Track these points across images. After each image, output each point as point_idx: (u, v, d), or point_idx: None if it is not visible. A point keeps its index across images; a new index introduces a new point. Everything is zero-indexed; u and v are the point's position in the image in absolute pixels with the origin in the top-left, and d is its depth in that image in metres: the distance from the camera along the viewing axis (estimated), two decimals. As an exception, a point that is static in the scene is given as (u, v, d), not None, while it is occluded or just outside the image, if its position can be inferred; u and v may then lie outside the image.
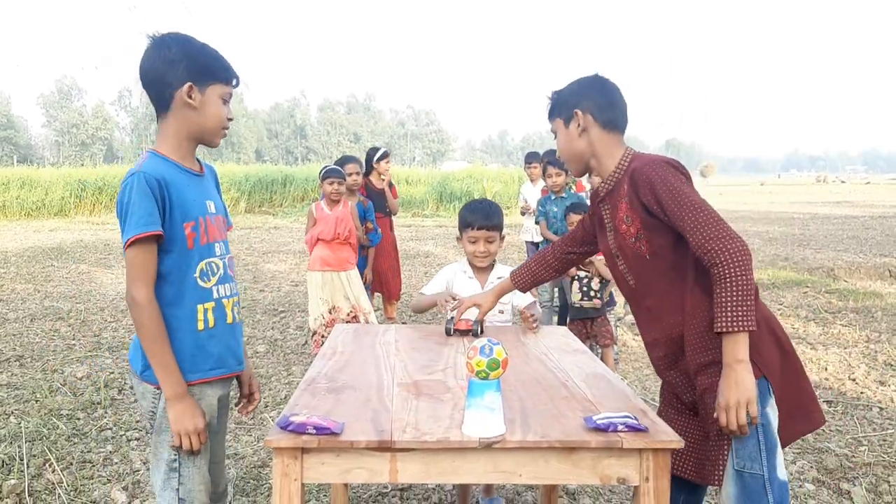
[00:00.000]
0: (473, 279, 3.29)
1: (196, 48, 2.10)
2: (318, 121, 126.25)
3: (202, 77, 2.08)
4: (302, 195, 26.18)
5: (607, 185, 2.30)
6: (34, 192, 22.65)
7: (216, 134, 2.17)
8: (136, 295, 1.99)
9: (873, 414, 4.68)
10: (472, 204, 3.37)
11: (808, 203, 32.18)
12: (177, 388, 2.03)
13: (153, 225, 1.98)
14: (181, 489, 2.11)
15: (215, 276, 2.16)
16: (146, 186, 1.98)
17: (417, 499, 3.53)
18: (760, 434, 2.03)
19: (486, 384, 1.75)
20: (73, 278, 10.36)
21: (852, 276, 10.34)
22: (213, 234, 2.17)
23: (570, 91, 2.35)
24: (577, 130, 2.30)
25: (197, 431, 2.05)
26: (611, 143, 2.30)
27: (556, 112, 2.38)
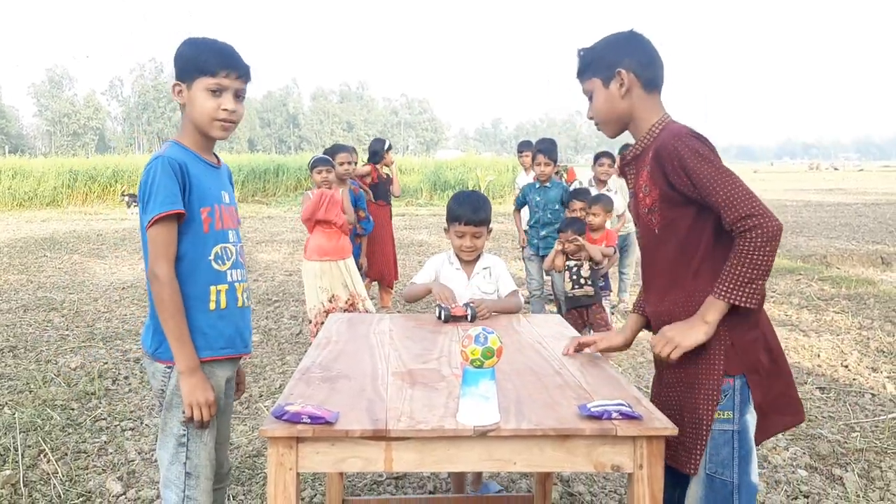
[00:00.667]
0: (460, 270, 3.30)
1: (187, 45, 2.21)
2: (310, 109, 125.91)
3: (187, 73, 2.18)
4: (295, 184, 26.14)
5: (635, 150, 2.20)
6: (26, 183, 22.58)
7: (209, 126, 2.21)
8: (159, 271, 2.09)
9: (865, 400, 4.70)
10: (459, 196, 3.33)
11: (801, 191, 32.27)
12: (190, 361, 2.13)
13: (176, 204, 2.10)
14: (188, 463, 2.20)
15: (229, 260, 2.27)
16: (169, 168, 2.10)
17: (412, 486, 3.54)
18: (736, 441, 2.01)
19: (481, 373, 1.75)
20: (65, 269, 10.33)
21: (845, 264, 10.38)
22: (227, 221, 2.28)
23: (609, 47, 2.18)
24: (620, 91, 2.14)
25: (208, 403, 2.16)
26: (651, 105, 2.17)
27: (593, 70, 2.19)
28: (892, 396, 4.75)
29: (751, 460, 2.04)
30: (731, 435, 2.01)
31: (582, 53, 2.24)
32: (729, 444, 2.01)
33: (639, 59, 2.15)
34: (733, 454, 2.01)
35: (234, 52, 2.23)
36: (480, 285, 3.27)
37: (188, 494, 2.20)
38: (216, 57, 2.18)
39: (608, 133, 2.27)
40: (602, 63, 2.16)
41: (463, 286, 3.25)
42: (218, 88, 2.18)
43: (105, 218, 18.92)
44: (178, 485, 2.19)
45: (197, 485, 2.21)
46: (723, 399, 2.00)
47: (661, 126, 2.13)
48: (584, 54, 2.22)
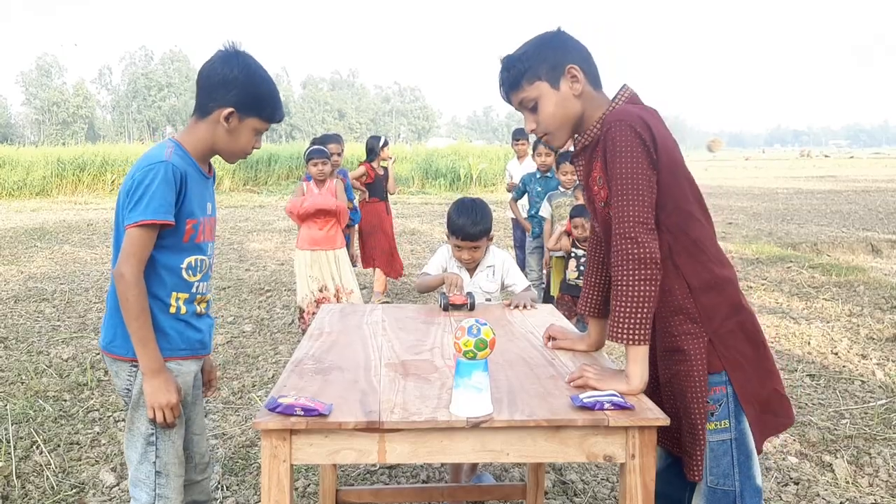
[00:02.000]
0: (462, 268, 3.33)
1: (256, 78, 2.19)
2: (301, 97, 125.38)
3: (247, 108, 2.18)
4: (287, 173, 26.05)
5: (584, 140, 2.07)
6: (15, 172, 22.42)
7: (236, 157, 2.29)
8: (126, 272, 2.06)
9: (855, 387, 4.74)
10: (459, 207, 3.27)
11: (792, 178, 32.35)
12: (153, 363, 2.11)
13: (168, 214, 2.09)
14: (158, 462, 2.19)
15: (200, 272, 2.26)
16: (172, 177, 2.08)
17: (406, 476, 3.55)
18: (734, 449, 1.96)
19: (474, 364, 1.76)
20: (56, 259, 10.29)
21: (835, 251, 10.44)
22: (207, 234, 2.28)
23: (548, 48, 2.02)
24: (574, 89, 2.00)
25: (170, 405, 2.14)
26: (598, 102, 2.04)
27: (534, 75, 2.01)
28: (882, 383, 4.79)
29: (752, 464, 1.98)
30: (730, 444, 1.96)
31: (514, 60, 2.05)
32: (728, 454, 1.96)
33: (580, 54, 2.03)
34: (733, 462, 1.96)
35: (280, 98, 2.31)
36: (483, 285, 3.29)
37: (159, 493, 2.19)
38: (277, 106, 2.27)
39: (559, 141, 2.12)
40: (546, 64, 2.01)
41: (466, 284, 3.27)
42: (262, 131, 2.27)
43: (95, 207, 18.84)
44: (149, 484, 2.19)
45: (168, 483, 2.20)
46: (717, 408, 1.95)
47: (610, 111, 2.01)
48: (518, 60, 2.04)
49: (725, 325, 1.97)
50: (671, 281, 1.95)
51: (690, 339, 1.95)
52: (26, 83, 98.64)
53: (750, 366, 1.99)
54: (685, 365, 1.95)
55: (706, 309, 1.95)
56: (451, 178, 25.60)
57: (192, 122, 2.22)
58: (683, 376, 1.95)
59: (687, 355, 1.95)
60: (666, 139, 1.94)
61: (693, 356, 1.94)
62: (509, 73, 2.06)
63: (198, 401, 2.41)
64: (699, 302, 1.95)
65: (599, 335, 2.35)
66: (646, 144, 1.87)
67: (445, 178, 25.68)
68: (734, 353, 1.97)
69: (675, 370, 1.97)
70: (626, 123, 1.88)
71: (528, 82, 2.03)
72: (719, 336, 1.95)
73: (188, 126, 2.24)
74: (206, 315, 2.35)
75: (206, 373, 2.49)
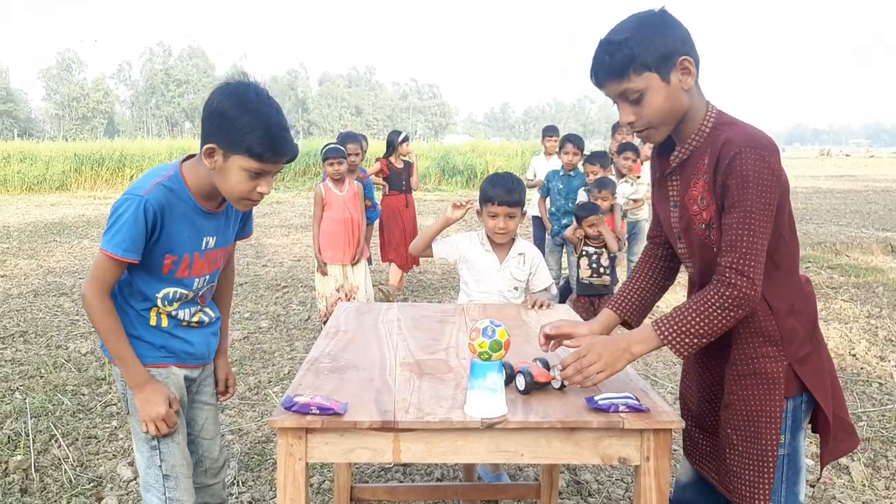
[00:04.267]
0: (491, 253, 3.25)
1: (241, 110, 1.92)
2: (319, 94, 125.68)
3: (229, 144, 1.94)
4: (304, 169, 26.10)
5: (681, 154, 1.89)
6: (35, 167, 22.60)
7: (237, 202, 2.08)
8: (88, 293, 2.04)
9: (873, 389, 4.70)
10: (494, 177, 3.28)
11: (812, 177, 32.08)
12: (136, 377, 2.10)
13: (131, 253, 2.00)
14: (164, 465, 2.17)
15: (178, 301, 2.18)
16: (142, 216, 1.97)
17: (420, 473, 3.56)
18: (785, 465, 1.89)
19: (489, 365, 1.76)
20: (75, 253, 10.38)
21: (854, 251, 10.34)
22: (198, 269, 2.18)
23: (657, 33, 1.78)
24: (685, 82, 1.81)
25: (160, 417, 2.11)
26: (698, 96, 1.87)
27: (642, 64, 1.77)
28: (900, 386, 4.75)
29: (798, 480, 1.93)
30: (782, 460, 1.89)
31: (618, 45, 1.79)
32: (779, 469, 1.89)
33: (689, 42, 1.82)
34: (782, 478, 1.90)
35: (286, 134, 1.99)
36: (513, 272, 3.23)
37: (169, 496, 2.18)
38: (268, 142, 1.94)
39: (660, 137, 1.91)
40: (655, 52, 1.77)
41: (495, 270, 3.23)
42: (260, 172, 1.99)
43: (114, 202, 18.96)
44: (158, 488, 2.17)
45: (177, 485, 2.18)
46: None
47: (711, 121, 1.85)
48: (625, 45, 1.78)
49: (804, 349, 1.89)
50: (760, 312, 1.87)
51: (770, 363, 1.86)
52: (47, 78, 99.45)
53: (828, 389, 1.93)
54: (762, 389, 1.87)
55: (787, 332, 1.87)
56: (467, 174, 25.56)
57: (201, 152, 2.02)
58: (759, 400, 1.87)
59: (765, 379, 1.87)
60: (782, 168, 1.80)
61: (772, 380, 1.86)
62: (612, 59, 1.80)
63: (202, 405, 2.38)
64: (781, 325, 1.86)
65: (608, 326, 2.20)
66: (780, 181, 1.76)
67: (462, 175, 25.64)
68: (815, 375, 1.90)
69: (749, 394, 1.88)
70: (763, 155, 1.73)
71: (635, 72, 1.79)
72: (798, 360, 1.87)
73: (198, 156, 2.06)
74: (200, 327, 2.27)
75: (219, 382, 2.46)
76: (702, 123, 1.86)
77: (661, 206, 2.06)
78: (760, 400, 1.86)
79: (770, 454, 1.85)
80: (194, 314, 2.25)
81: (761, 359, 1.86)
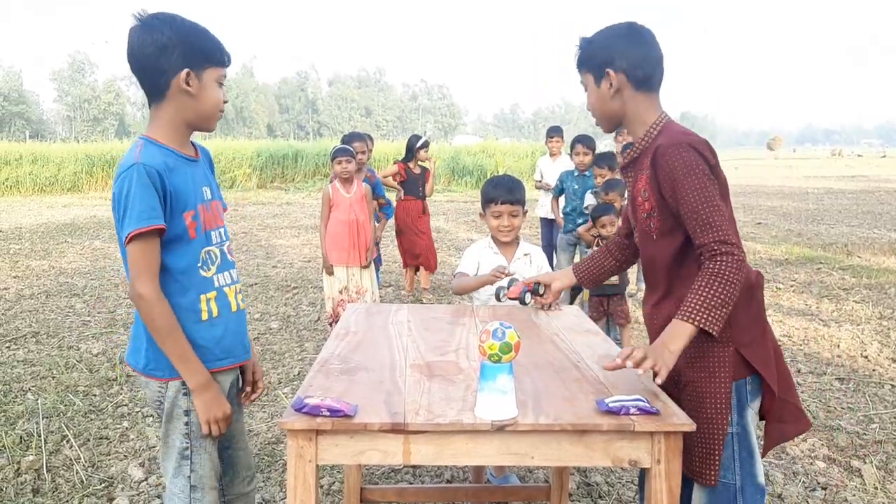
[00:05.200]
0: (499, 255, 3.29)
1: (188, 30, 2.00)
2: (328, 95, 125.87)
3: (198, 62, 2.00)
4: (314, 170, 26.14)
5: (633, 153, 2.17)
6: (47, 168, 22.74)
7: (213, 118, 2.10)
8: (143, 291, 1.94)
9: (885, 391, 4.67)
10: (494, 179, 3.38)
11: (823, 178, 31.93)
12: (200, 377, 2.02)
13: (156, 219, 1.93)
14: (193, 476, 2.11)
15: (214, 264, 2.12)
16: (146, 178, 1.92)
17: (430, 475, 3.56)
18: (735, 443, 2.01)
19: (499, 367, 1.76)
20: (87, 254, 10.43)
21: (866, 252, 10.28)
22: (209, 221, 2.13)
23: (602, 43, 2.14)
24: (610, 91, 2.12)
25: (226, 417, 2.08)
26: (644, 106, 2.12)
27: (586, 65, 2.18)
28: (913, 388, 4.72)
29: (754, 462, 2.03)
30: (731, 437, 2.01)
31: (580, 45, 2.20)
32: (729, 447, 2.01)
33: (631, 58, 2.09)
34: (734, 456, 2.01)
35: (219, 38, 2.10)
36: (521, 270, 3.25)
37: None
38: (222, 46, 2.07)
39: (603, 128, 2.26)
40: (594, 60, 2.14)
41: None
42: (223, 79, 2.09)
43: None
44: (183, 498, 2.11)
45: (203, 497, 2.12)
46: None
47: (659, 128, 2.10)
48: (582, 47, 2.19)
49: (749, 334, 2.03)
50: None
51: (717, 347, 2.00)
52: (59, 80, 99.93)
53: (774, 371, 2.05)
54: (708, 371, 2.02)
55: (734, 317, 1.98)
56: (477, 175, 25.53)
57: (154, 110, 2.03)
58: (704, 381, 2.02)
59: (711, 361, 2.01)
60: (717, 163, 2.04)
61: (718, 363, 2.01)
62: (577, 55, 2.21)
63: (239, 416, 2.31)
64: (731, 312, 1.95)
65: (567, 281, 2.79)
66: (710, 165, 1.98)
67: (472, 176, 25.62)
68: (760, 357, 2.03)
69: (697, 375, 2.03)
70: (689, 145, 1.97)
71: (584, 69, 2.20)
72: (743, 344, 2.01)
73: (151, 116, 2.05)
74: (242, 311, 2.22)
75: (247, 373, 2.34)
76: (650, 128, 2.11)
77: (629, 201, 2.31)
78: (706, 381, 2.01)
79: (718, 432, 1.99)
80: (233, 280, 2.19)
81: (710, 343, 1.99)
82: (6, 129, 78.37)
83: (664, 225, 2.07)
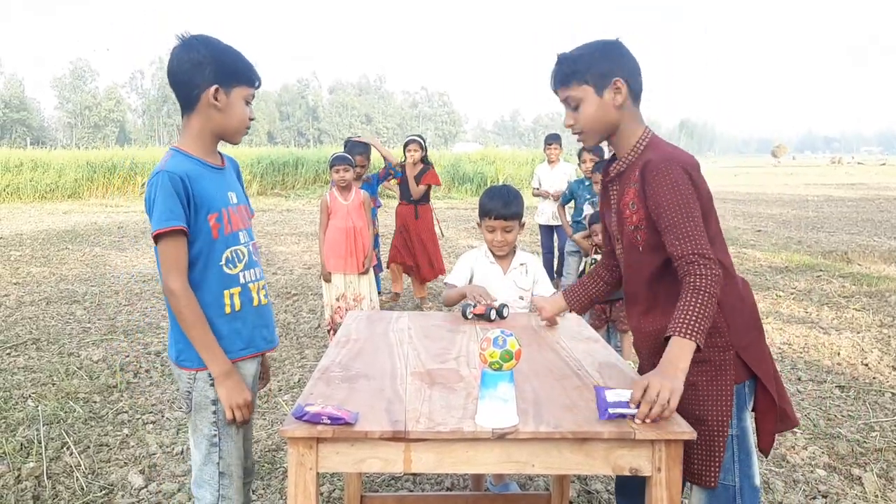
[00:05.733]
0: (495, 264, 3.28)
1: (222, 51, 2.19)
2: (329, 102, 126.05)
3: (228, 80, 2.18)
4: (314, 177, 26.17)
5: (619, 167, 2.19)
6: (47, 175, 22.75)
7: (239, 133, 2.28)
8: (173, 286, 2.12)
9: (885, 399, 4.67)
10: (491, 191, 3.33)
11: (823, 185, 31.96)
12: (223, 366, 2.18)
13: (176, 220, 2.10)
14: (221, 463, 2.25)
15: (241, 262, 2.28)
16: (169, 184, 2.10)
17: (430, 483, 3.56)
18: (735, 444, 2.04)
19: (500, 375, 1.76)
20: (87, 261, 10.44)
21: (866, 260, 10.29)
22: (236, 223, 2.28)
23: (602, 55, 2.13)
24: (615, 100, 2.12)
25: (247, 404, 2.22)
26: (635, 119, 2.17)
27: (583, 77, 2.12)
28: (913, 396, 4.71)
29: (751, 463, 2.07)
30: (731, 439, 2.03)
31: (568, 60, 2.16)
32: (729, 449, 2.03)
33: (630, 68, 2.14)
34: (734, 458, 2.04)
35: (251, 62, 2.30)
36: (517, 280, 3.26)
37: (223, 494, 2.26)
38: (252, 68, 2.26)
39: (590, 142, 2.25)
40: (596, 70, 2.12)
41: (498, 280, 3.25)
42: (251, 98, 2.27)
43: (126, 210, 19.07)
44: (213, 485, 2.25)
45: (231, 483, 2.26)
46: None
47: (645, 142, 2.14)
48: (572, 60, 2.15)
49: (747, 337, 2.08)
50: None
51: (717, 352, 2.04)
52: (60, 87, 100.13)
53: (771, 373, 2.11)
54: (709, 375, 2.04)
55: (732, 324, 2.05)
56: (477, 182, 25.54)
57: (185, 122, 2.24)
58: (705, 385, 2.05)
59: (712, 366, 2.04)
60: (704, 182, 2.10)
61: (719, 368, 2.04)
62: (560, 69, 2.17)
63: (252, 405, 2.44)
64: (728, 318, 2.05)
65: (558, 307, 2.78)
66: (694, 184, 2.03)
67: (472, 183, 25.63)
68: (759, 360, 2.08)
69: (697, 380, 2.03)
70: (677, 163, 2.03)
71: (576, 83, 2.14)
72: (742, 347, 2.05)
73: (182, 128, 2.26)
74: (266, 305, 2.38)
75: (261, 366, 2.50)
76: (638, 142, 2.15)
77: (605, 213, 2.35)
78: (707, 385, 2.04)
79: (719, 435, 2.01)
80: (258, 277, 2.35)
81: (709, 349, 1.99)
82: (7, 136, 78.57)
83: (651, 238, 2.09)
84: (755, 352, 2.08)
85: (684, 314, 1.90)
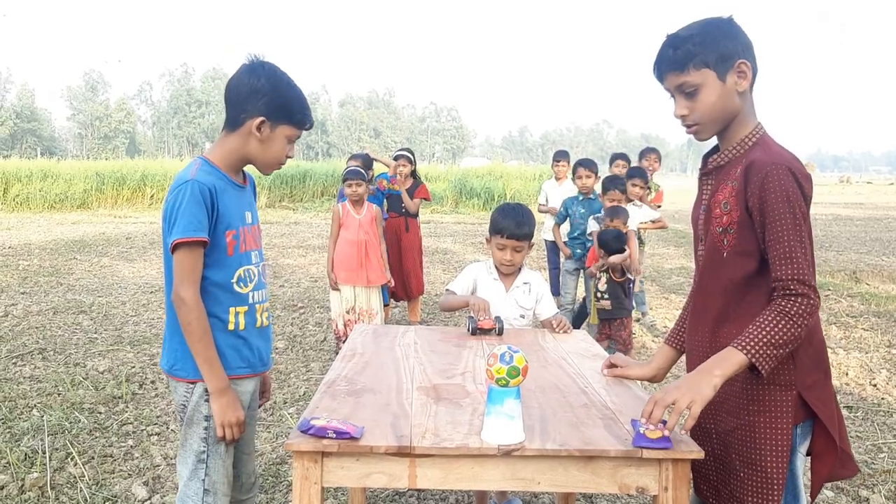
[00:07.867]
0: (498, 281, 3.28)
1: (282, 86, 2.21)
2: (338, 116, 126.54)
3: (277, 115, 2.20)
4: (322, 190, 26.25)
5: (720, 159, 1.97)
6: (56, 185, 22.84)
7: (270, 167, 2.30)
8: (185, 295, 2.11)
9: (894, 420, 4.64)
10: (504, 208, 3.31)
11: (831, 204, 31.85)
12: (220, 382, 2.17)
13: (200, 231, 2.11)
14: (207, 480, 2.22)
15: (252, 282, 2.29)
16: (199, 195, 2.11)
17: (434, 499, 3.54)
18: (786, 489, 1.89)
19: (506, 391, 1.76)
20: (95, 271, 10.46)
21: (875, 280, 10.24)
22: (249, 243, 2.30)
23: (722, 34, 1.88)
24: (739, 85, 1.89)
25: (238, 423, 2.20)
26: (752, 107, 1.95)
27: (702, 60, 1.87)
28: (922, 417, 4.68)
29: (799, 501, 1.93)
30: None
31: (683, 40, 1.89)
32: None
33: (749, 49, 1.91)
34: (782, 500, 1.89)
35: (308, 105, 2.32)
36: (519, 299, 3.26)
37: None
38: (307, 112, 2.28)
39: (707, 135, 1.98)
40: (717, 52, 1.87)
41: (501, 297, 3.24)
42: (295, 139, 2.29)
43: (134, 221, 19.13)
44: (196, 501, 2.22)
45: (215, 501, 2.23)
46: None
47: (756, 138, 1.94)
48: (689, 41, 1.88)
49: (812, 376, 1.90)
50: None
51: (780, 391, 1.88)
52: (72, 98, 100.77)
53: (835, 416, 1.93)
54: (768, 416, 1.88)
55: (799, 361, 1.88)
56: (485, 197, 25.57)
57: (223, 136, 2.25)
58: (763, 427, 1.89)
59: (772, 406, 1.88)
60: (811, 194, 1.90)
61: (780, 407, 1.88)
62: (675, 53, 1.91)
63: (251, 422, 2.43)
64: (795, 354, 1.86)
65: (664, 368, 2.30)
66: (806, 197, 1.84)
67: (479, 198, 25.65)
68: (823, 402, 1.91)
69: (754, 420, 1.89)
70: (787, 170, 1.82)
71: (695, 67, 1.89)
72: (807, 387, 1.88)
73: (218, 140, 2.27)
74: (267, 327, 2.38)
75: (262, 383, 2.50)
76: (747, 136, 1.94)
77: (695, 210, 2.12)
78: (765, 427, 1.88)
79: (776, 482, 1.86)
80: (264, 298, 2.35)
81: (772, 386, 1.86)
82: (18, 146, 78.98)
83: (740, 244, 1.89)
84: (819, 392, 1.90)
85: (757, 331, 1.77)
